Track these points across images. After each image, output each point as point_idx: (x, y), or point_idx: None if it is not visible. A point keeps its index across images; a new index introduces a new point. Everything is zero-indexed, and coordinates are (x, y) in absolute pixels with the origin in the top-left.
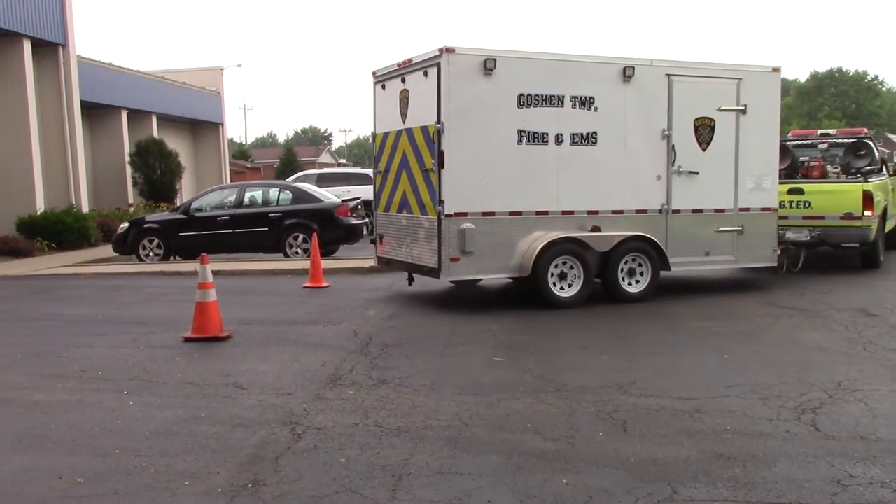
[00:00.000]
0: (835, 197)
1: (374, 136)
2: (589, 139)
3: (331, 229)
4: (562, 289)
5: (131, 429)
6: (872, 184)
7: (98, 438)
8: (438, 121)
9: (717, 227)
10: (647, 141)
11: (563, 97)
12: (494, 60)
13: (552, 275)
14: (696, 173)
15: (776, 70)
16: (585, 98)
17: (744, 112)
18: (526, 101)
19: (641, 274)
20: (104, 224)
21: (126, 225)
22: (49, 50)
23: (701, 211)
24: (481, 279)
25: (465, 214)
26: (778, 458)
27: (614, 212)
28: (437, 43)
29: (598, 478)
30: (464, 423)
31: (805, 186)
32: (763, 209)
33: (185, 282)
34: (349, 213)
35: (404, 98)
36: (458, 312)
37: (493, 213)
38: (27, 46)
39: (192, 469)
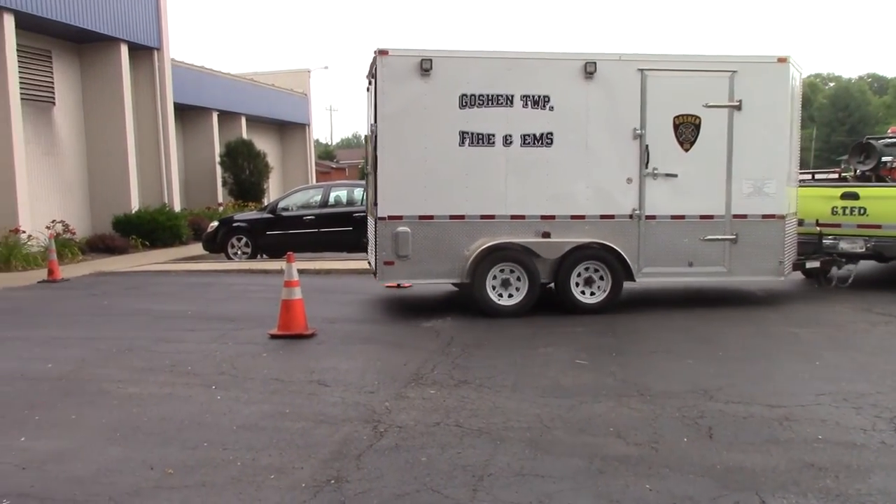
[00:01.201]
0: (892, 203)
1: (366, 138)
2: (543, 140)
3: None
4: (508, 296)
5: (219, 423)
6: None
7: (187, 431)
8: (374, 123)
9: (703, 235)
10: (615, 141)
11: (512, 96)
12: (430, 61)
13: (493, 281)
14: (675, 176)
15: (783, 60)
16: (539, 97)
17: (738, 108)
18: (469, 101)
19: (601, 283)
20: (195, 223)
21: (215, 224)
22: (144, 54)
23: (682, 217)
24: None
25: (400, 218)
26: (873, 469)
27: (574, 217)
28: (519, 38)
29: (682, 484)
30: (545, 425)
31: (861, 191)
32: (765, 216)
33: (271, 280)
34: None
35: (370, 100)
36: (541, 314)
37: (431, 217)
38: (124, 50)
39: (276, 464)
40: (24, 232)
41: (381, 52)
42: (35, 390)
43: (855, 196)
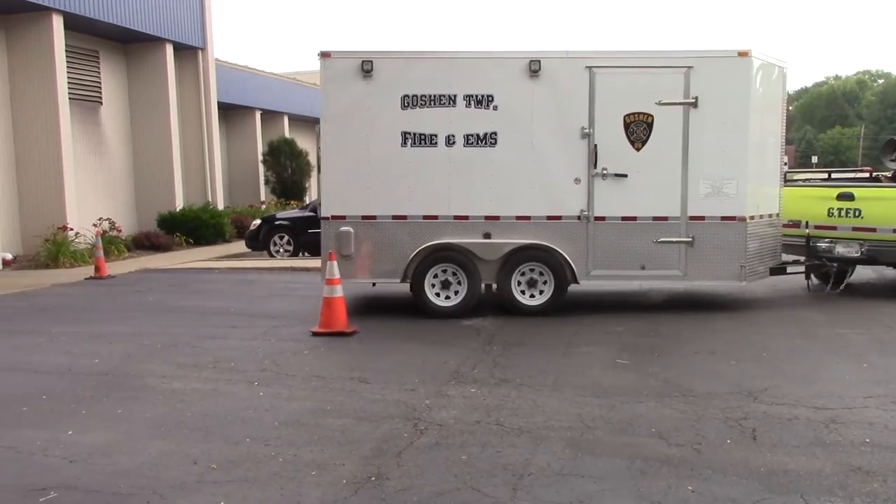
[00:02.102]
0: (887, 205)
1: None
2: (487, 140)
3: None
4: (447, 297)
5: (261, 419)
6: None
7: (230, 427)
8: (318, 124)
9: (656, 238)
10: (562, 141)
11: (454, 96)
12: (371, 62)
13: (433, 281)
14: (625, 176)
15: (743, 54)
16: (482, 97)
17: (694, 105)
18: (411, 102)
19: (544, 285)
20: (238, 221)
21: (258, 222)
22: (189, 53)
23: (634, 219)
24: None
25: (343, 217)
26: None
27: (519, 217)
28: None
29: (725, 486)
30: (586, 425)
31: (857, 191)
32: (724, 218)
33: (313, 277)
34: None
35: None
36: (582, 313)
37: (374, 217)
38: (169, 50)
39: (318, 460)
40: (71, 229)
41: (324, 55)
42: (82, 385)
43: (850, 197)
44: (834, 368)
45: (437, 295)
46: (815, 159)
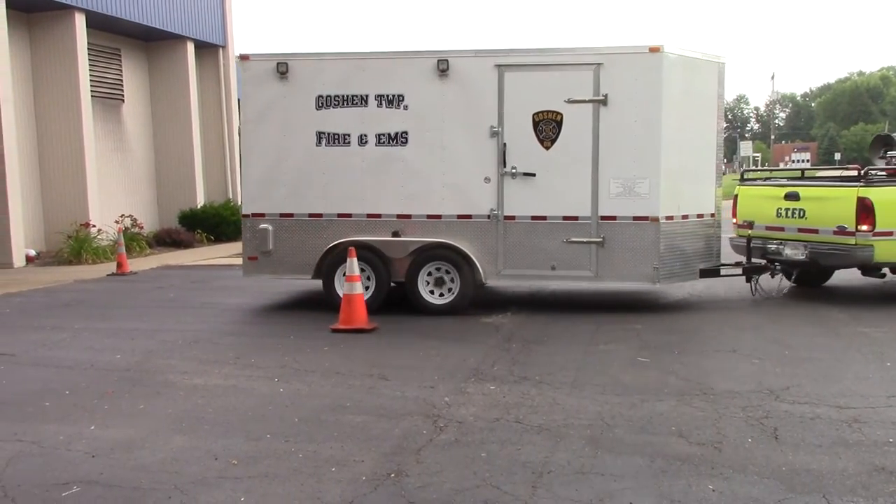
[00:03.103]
0: (827, 205)
1: None
2: (398, 139)
3: None
4: None
5: (281, 415)
6: (878, 189)
7: (251, 423)
8: (240, 125)
9: (566, 237)
10: (472, 139)
11: (366, 96)
12: (286, 64)
13: (343, 278)
14: (533, 175)
15: (655, 50)
16: (393, 96)
17: (604, 103)
18: (325, 102)
19: (451, 284)
20: None
21: None
22: (210, 51)
23: (544, 218)
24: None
25: (262, 215)
26: None
27: (430, 216)
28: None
29: (746, 485)
30: (606, 422)
31: (802, 191)
32: (636, 218)
33: None
34: None
35: None
36: (602, 311)
37: (291, 215)
38: (190, 48)
39: (337, 456)
40: (94, 226)
41: (243, 58)
42: (104, 380)
43: (796, 197)
44: (856, 367)
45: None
46: (837, 156)
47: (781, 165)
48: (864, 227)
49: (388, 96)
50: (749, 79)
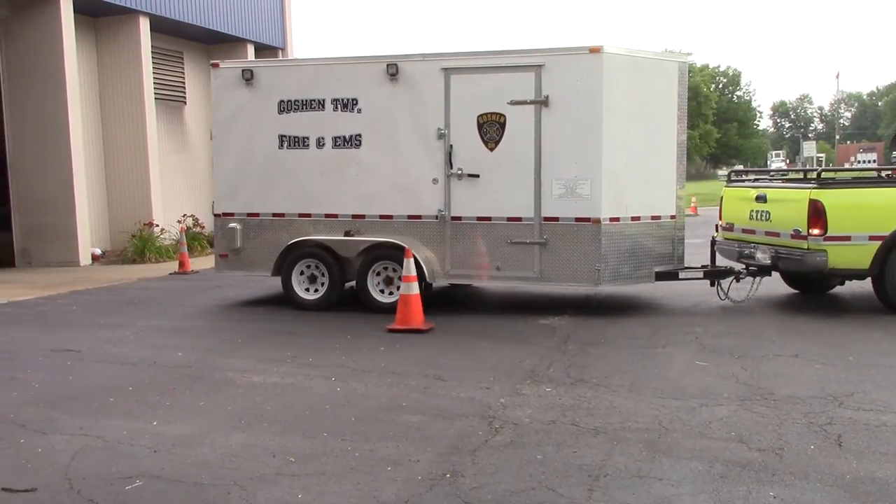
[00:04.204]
0: (787, 207)
1: None
2: (352, 142)
3: None
4: (315, 290)
5: (338, 413)
6: (831, 192)
7: (308, 421)
8: (211, 129)
9: (510, 238)
10: (421, 142)
11: (324, 100)
12: (251, 71)
13: (300, 276)
14: (477, 176)
15: (595, 51)
16: (348, 100)
17: (545, 104)
18: (286, 106)
19: (399, 283)
20: None
21: None
22: (269, 53)
23: (488, 219)
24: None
25: (232, 215)
26: None
27: (382, 217)
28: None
29: (808, 493)
30: (663, 426)
31: (769, 192)
32: (578, 219)
33: None
34: None
35: None
36: (660, 313)
37: (257, 215)
38: (250, 50)
39: (393, 456)
40: (157, 225)
41: (213, 65)
42: (166, 377)
43: (764, 199)
44: None
45: (307, 290)
46: None
47: (846, 166)
48: (816, 232)
49: (343, 100)
50: (813, 78)
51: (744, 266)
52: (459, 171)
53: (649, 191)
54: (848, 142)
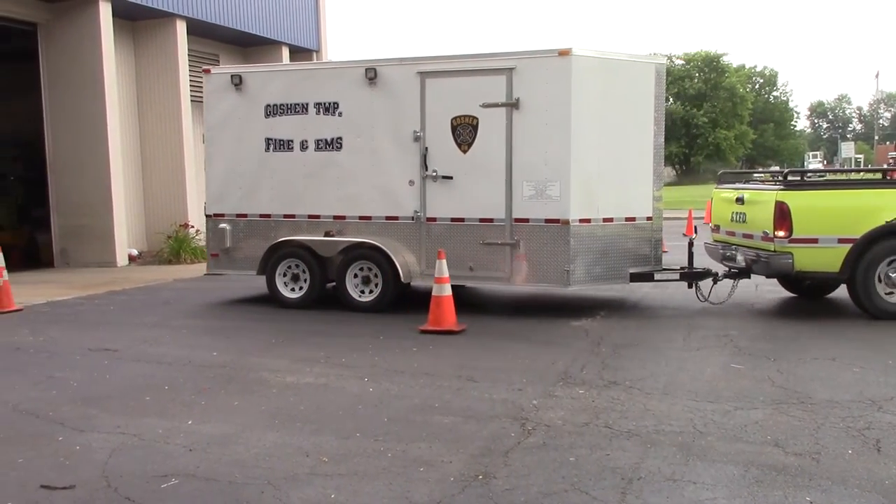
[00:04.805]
0: (759, 209)
1: None
2: (334, 144)
3: None
4: (299, 289)
5: (371, 414)
6: (796, 193)
7: (341, 421)
8: (203, 132)
9: (483, 239)
10: (398, 144)
11: (307, 104)
12: (240, 76)
13: (283, 276)
14: (451, 178)
15: (564, 53)
16: (329, 104)
17: (516, 107)
18: (272, 110)
19: (376, 284)
20: None
21: None
22: (304, 56)
23: (462, 220)
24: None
25: (222, 215)
26: None
27: (362, 218)
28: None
29: (846, 499)
30: (698, 430)
31: (747, 194)
32: (548, 221)
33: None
34: None
35: None
36: (694, 315)
37: (245, 216)
38: (285, 53)
39: (426, 456)
40: (192, 227)
41: (205, 71)
42: (201, 376)
43: (742, 201)
44: None
45: (292, 290)
46: None
47: (885, 166)
48: (781, 234)
49: (325, 104)
50: (852, 77)
51: (726, 268)
52: (434, 173)
53: (624, 192)
54: (888, 142)
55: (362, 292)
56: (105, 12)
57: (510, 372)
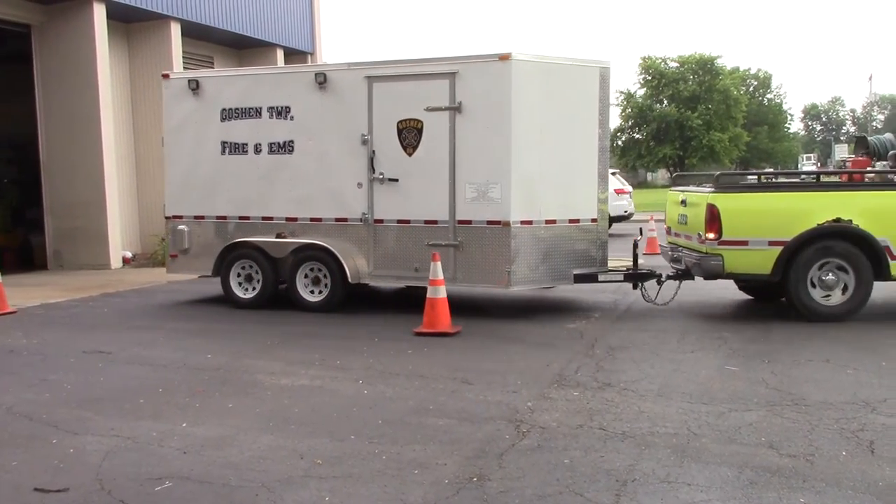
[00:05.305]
0: (695, 212)
1: None
2: (286, 147)
3: None
4: (246, 290)
5: (365, 416)
6: (726, 196)
7: (335, 423)
8: (162, 136)
9: (427, 241)
10: (347, 147)
11: (260, 108)
12: (197, 81)
13: (237, 277)
14: (396, 181)
15: (504, 58)
16: (281, 108)
17: (458, 111)
18: (228, 114)
19: (326, 285)
20: None
21: None
22: (299, 58)
23: (408, 222)
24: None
25: (181, 217)
26: None
27: (313, 219)
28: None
29: (840, 500)
30: (692, 432)
31: (689, 196)
32: (490, 222)
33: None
34: None
35: None
36: (688, 317)
37: (203, 217)
38: (280, 55)
39: (420, 459)
40: None
41: (164, 76)
42: (196, 379)
43: (685, 203)
44: None
45: (246, 290)
46: None
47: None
48: (711, 236)
49: (277, 108)
50: (845, 80)
51: (673, 270)
52: (381, 176)
53: (568, 195)
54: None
55: (312, 292)
56: (99, 14)
57: (505, 374)
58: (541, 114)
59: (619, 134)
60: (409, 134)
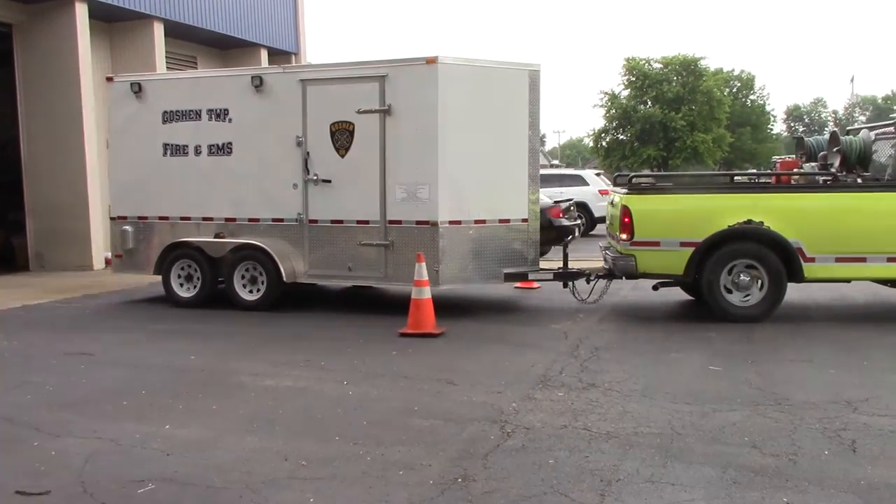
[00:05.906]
0: (615, 212)
1: None
2: (225, 149)
3: (543, 230)
4: (186, 289)
5: (350, 418)
6: (638, 197)
7: (320, 425)
8: (107, 138)
9: (360, 241)
10: (282, 149)
11: (200, 111)
12: (139, 84)
13: (178, 277)
14: (330, 182)
15: (431, 61)
16: (220, 110)
17: (388, 113)
18: (169, 117)
19: (262, 283)
20: None
21: None
22: (283, 59)
23: (341, 222)
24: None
25: (125, 218)
26: None
27: (251, 220)
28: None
29: (822, 499)
30: (676, 431)
31: (615, 197)
32: (419, 223)
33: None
34: (561, 215)
35: None
36: (672, 318)
37: (146, 218)
38: (264, 56)
39: (405, 460)
40: None
41: (108, 79)
42: (179, 380)
43: (613, 203)
44: None
45: (186, 289)
46: None
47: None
48: (624, 236)
49: (216, 110)
50: (827, 81)
51: (604, 269)
52: (315, 177)
53: (497, 195)
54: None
55: (251, 291)
56: (81, 13)
57: (489, 375)
58: (469, 116)
59: (603, 135)
60: (342, 136)
